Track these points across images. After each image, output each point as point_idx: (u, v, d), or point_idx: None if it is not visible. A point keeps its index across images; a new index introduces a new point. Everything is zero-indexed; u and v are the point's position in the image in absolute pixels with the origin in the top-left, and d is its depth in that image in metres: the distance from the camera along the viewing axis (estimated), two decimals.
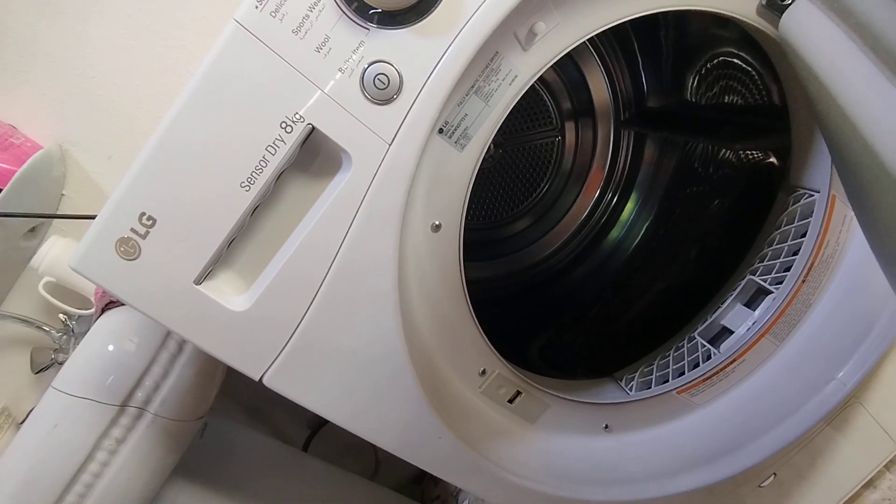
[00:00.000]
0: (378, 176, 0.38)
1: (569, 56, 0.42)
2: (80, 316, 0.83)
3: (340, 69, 0.36)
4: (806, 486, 0.68)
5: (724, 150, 0.71)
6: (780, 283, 0.56)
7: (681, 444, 0.57)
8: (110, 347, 0.57)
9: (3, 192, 0.74)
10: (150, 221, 0.36)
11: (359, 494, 0.86)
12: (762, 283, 0.58)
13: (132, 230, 0.36)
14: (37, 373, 0.83)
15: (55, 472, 0.54)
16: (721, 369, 0.57)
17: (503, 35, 0.39)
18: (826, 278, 0.54)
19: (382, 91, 0.36)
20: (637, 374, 0.60)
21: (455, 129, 0.42)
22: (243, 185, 0.37)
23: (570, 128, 0.82)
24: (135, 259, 0.37)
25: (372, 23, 0.35)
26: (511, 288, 0.81)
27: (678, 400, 0.58)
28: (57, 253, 0.78)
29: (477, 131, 0.43)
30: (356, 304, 0.41)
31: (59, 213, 0.84)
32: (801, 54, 0.26)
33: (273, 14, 0.34)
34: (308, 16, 0.35)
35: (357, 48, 0.36)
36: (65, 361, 0.82)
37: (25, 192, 0.76)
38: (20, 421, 0.86)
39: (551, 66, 0.43)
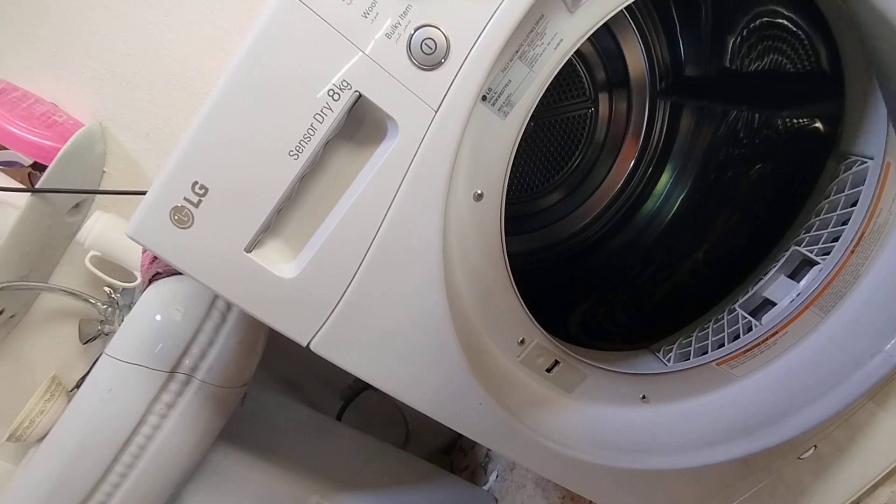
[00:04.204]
0: (424, 143, 0.38)
1: (604, 24, 0.41)
2: (123, 289, 0.86)
3: (388, 34, 0.36)
4: (844, 460, 0.67)
5: (766, 117, 0.69)
6: (828, 253, 0.54)
7: (719, 416, 0.57)
8: (158, 317, 0.59)
9: (48, 168, 0.76)
10: (203, 190, 0.37)
11: (392, 462, 0.88)
12: (808, 253, 0.56)
13: (185, 199, 0.37)
14: (85, 343, 0.87)
15: (111, 433, 0.57)
16: (762, 341, 0.56)
17: None
18: (877, 248, 0.53)
19: (429, 56, 0.36)
20: (675, 345, 0.60)
21: (499, 97, 0.42)
22: (292, 153, 0.37)
23: (603, 99, 0.80)
24: (188, 227, 0.38)
25: None
26: (546, 261, 0.80)
27: (717, 371, 0.57)
28: (101, 228, 0.81)
29: (520, 98, 0.42)
30: (401, 272, 0.42)
31: (102, 188, 0.87)
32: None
33: None
34: None
35: (405, 12, 0.35)
36: (111, 332, 0.86)
37: (69, 168, 0.79)
38: (70, 389, 0.90)
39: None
